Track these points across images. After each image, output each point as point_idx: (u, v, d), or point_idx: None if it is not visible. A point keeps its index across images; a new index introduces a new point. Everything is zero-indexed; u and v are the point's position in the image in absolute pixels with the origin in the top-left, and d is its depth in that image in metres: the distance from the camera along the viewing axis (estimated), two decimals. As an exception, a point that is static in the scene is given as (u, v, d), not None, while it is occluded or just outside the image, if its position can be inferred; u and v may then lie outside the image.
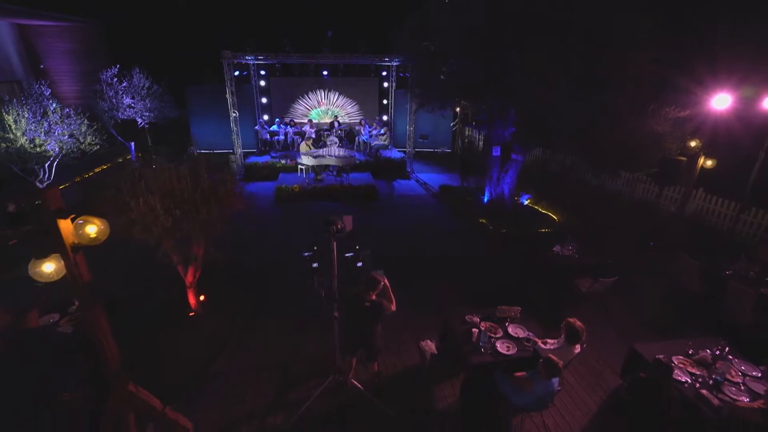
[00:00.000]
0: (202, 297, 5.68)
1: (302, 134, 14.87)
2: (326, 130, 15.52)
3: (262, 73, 15.49)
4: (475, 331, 4.26)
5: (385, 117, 16.45)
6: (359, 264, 4.26)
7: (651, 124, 6.82)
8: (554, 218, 9.53)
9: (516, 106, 8.17)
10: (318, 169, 11.91)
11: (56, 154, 8.27)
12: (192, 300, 5.50)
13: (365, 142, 14.73)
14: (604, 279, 5.53)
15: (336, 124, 15.75)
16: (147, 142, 12.85)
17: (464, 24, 7.23)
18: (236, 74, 12.91)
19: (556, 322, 4.13)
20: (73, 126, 8.48)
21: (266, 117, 15.86)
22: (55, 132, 8.12)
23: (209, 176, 4.33)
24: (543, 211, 10.00)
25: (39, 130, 7.78)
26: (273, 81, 15.66)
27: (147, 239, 4.11)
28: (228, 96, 11.88)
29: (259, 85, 15.44)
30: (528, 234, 8.50)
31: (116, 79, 11.85)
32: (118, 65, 11.91)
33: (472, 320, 4.47)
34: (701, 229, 8.58)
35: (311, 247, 4.26)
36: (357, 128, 15.57)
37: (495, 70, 7.21)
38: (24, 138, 7.46)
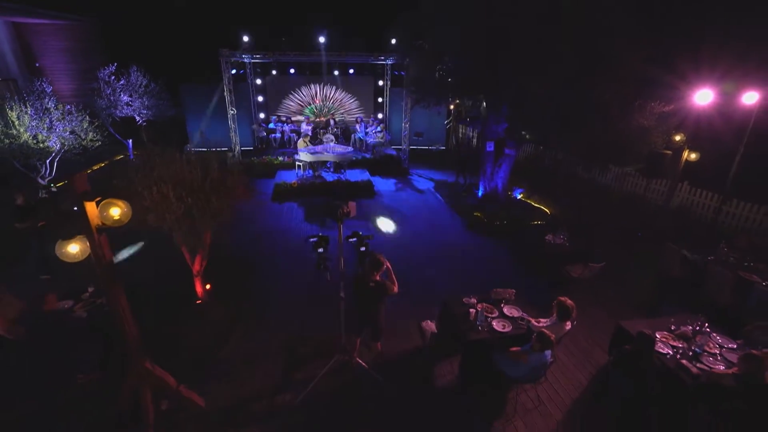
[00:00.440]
0: (208, 286, 5.87)
1: (299, 132, 15.05)
2: (322, 128, 15.72)
3: (258, 72, 15.63)
4: (473, 312, 4.52)
5: (381, 115, 16.69)
6: (362, 249, 4.49)
7: (637, 119, 7.14)
8: (546, 211, 9.84)
9: (508, 102, 8.44)
10: (316, 166, 12.10)
11: (58, 151, 8.37)
12: (199, 288, 5.68)
13: (361, 140, 14.94)
14: (594, 264, 5.83)
15: (332, 122, 15.96)
16: (144, 140, 12.90)
17: (458, 23, 7.49)
18: (233, 72, 13.05)
19: (549, 305, 4.40)
20: (74, 123, 8.58)
21: (262, 115, 16.01)
22: (57, 128, 8.23)
23: (219, 167, 4.52)
24: (535, 205, 10.31)
25: (41, 126, 7.88)
26: (269, 79, 15.81)
27: (160, 226, 4.29)
28: (226, 94, 12.04)
29: (255, 84, 15.58)
30: (521, 226, 8.79)
31: (114, 77, 11.94)
32: (116, 63, 11.99)
33: (470, 302, 4.72)
34: (687, 221, 8.94)
35: (316, 234, 4.48)
36: (353, 126, 15.78)
37: (488, 68, 7.48)
38: (27, 134, 7.56)
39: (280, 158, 13.05)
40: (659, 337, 4.19)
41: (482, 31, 7.01)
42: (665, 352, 4.02)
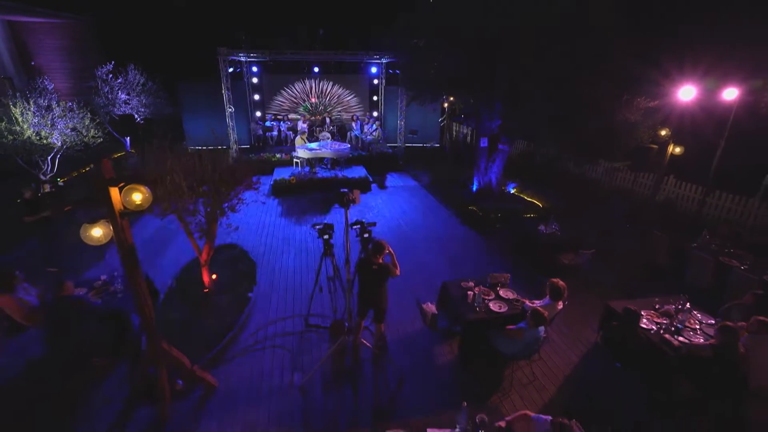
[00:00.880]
0: (214, 276, 6.07)
1: (295, 130, 15.23)
2: (318, 126, 15.92)
3: (254, 70, 15.76)
4: (471, 294, 4.78)
5: (375, 113, 16.92)
6: (366, 235, 4.72)
7: (625, 114, 7.47)
8: (539, 205, 10.16)
9: (502, 99, 8.73)
10: (313, 162, 12.29)
11: (59, 147, 8.47)
12: (206, 278, 5.87)
13: (357, 137, 15.16)
14: (584, 251, 6.13)
15: (328, 120, 16.16)
16: (142, 138, 12.99)
17: (454, 23, 7.76)
18: (230, 71, 13.19)
19: (541, 290, 4.67)
20: (76, 119, 8.69)
21: (259, 113, 16.14)
22: (59, 125, 8.34)
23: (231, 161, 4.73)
24: (528, 199, 10.62)
25: (44, 123, 7.99)
26: (265, 78, 15.95)
27: (173, 214, 4.49)
28: (224, 92, 12.17)
29: (252, 82, 15.71)
30: (514, 218, 9.09)
31: (111, 76, 12.02)
32: (113, 62, 12.07)
33: (468, 285, 4.99)
34: (672, 212, 9.31)
35: (321, 222, 4.70)
36: (349, 124, 16.00)
37: (482, 66, 7.76)
38: (30, 130, 7.66)
39: (278, 155, 13.22)
40: (644, 315, 4.49)
41: (477, 31, 7.28)
42: (649, 328, 4.32)
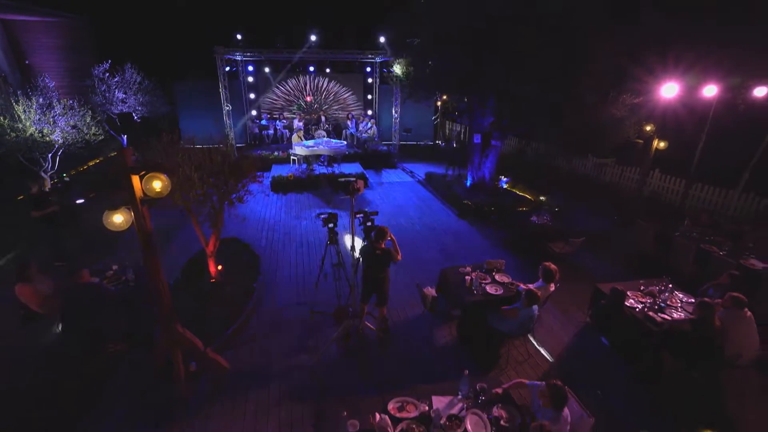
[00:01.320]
0: (220, 267, 6.26)
1: (291, 128, 15.41)
2: (314, 125, 16.12)
3: (250, 69, 15.89)
4: (468, 279, 5.06)
5: (370, 111, 17.17)
6: (368, 224, 4.97)
7: (611, 110, 7.82)
8: (531, 199, 10.49)
9: (495, 96, 9.04)
10: (310, 160, 12.50)
11: (60, 145, 8.57)
12: (212, 268, 6.07)
13: (353, 135, 15.39)
14: (574, 239, 6.45)
15: (323, 119, 16.37)
16: (140, 136, 13.06)
17: (447, 23, 8.04)
18: (227, 70, 13.32)
19: (534, 275, 4.95)
20: (76, 117, 8.79)
21: (254, 112, 16.28)
22: (60, 123, 8.44)
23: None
24: (520, 194, 10.95)
25: (45, 120, 8.09)
26: (260, 77, 16.09)
27: (185, 204, 4.69)
28: (221, 90, 12.32)
29: (247, 81, 15.85)
30: (507, 211, 9.41)
31: (108, 74, 12.08)
32: (110, 60, 12.13)
33: (465, 270, 5.26)
34: (657, 204, 9.71)
35: (325, 211, 4.94)
36: (344, 122, 16.22)
37: (475, 64, 8.05)
38: (33, 128, 7.76)
39: (275, 153, 13.40)
40: (630, 295, 4.81)
41: (470, 30, 7.57)
42: (635, 306, 4.64)
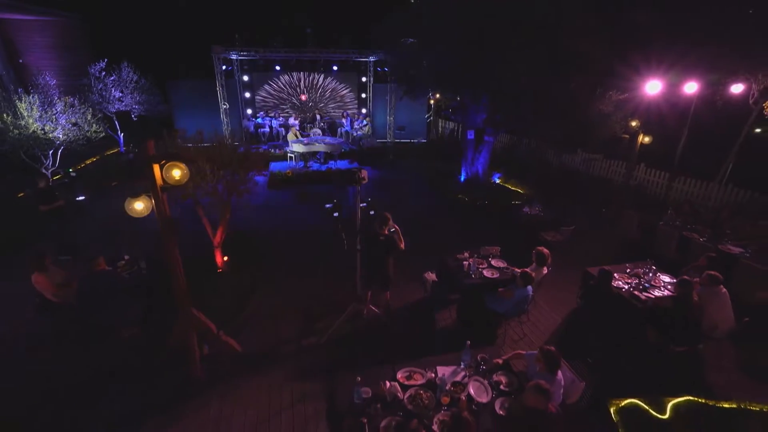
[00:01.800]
0: (226, 258, 6.46)
1: (287, 126, 15.58)
2: (309, 123, 16.32)
3: (245, 68, 16.03)
4: (466, 264, 5.36)
5: (364, 110, 17.42)
6: (371, 213, 5.23)
7: (599, 106, 8.20)
8: (523, 193, 10.85)
9: (488, 93, 9.37)
10: (307, 157, 12.72)
11: (61, 142, 8.67)
12: (219, 259, 6.28)
13: (348, 133, 15.63)
14: (565, 228, 6.79)
15: (318, 117, 16.57)
16: (138, 134, 13.14)
17: (440, 24, 8.35)
18: (223, 68, 13.47)
19: (527, 263, 5.25)
20: (77, 115, 8.90)
21: (249, 111, 16.42)
22: (61, 120, 8.54)
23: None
24: (513, 188, 11.32)
25: (47, 117, 8.19)
26: (256, 76, 16.23)
27: (196, 195, 4.90)
28: (218, 89, 12.47)
29: (243, 80, 15.98)
30: (500, 205, 9.75)
31: (104, 73, 12.14)
32: (106, 59, 12.19)
33: (463, 257, 5.56)
34: (644, 196, 10.15)
35: (332, 201, 5.18)
36: (339, 120, 16.45)
37: (470, 62, 8.37)
38: (36, 125, 7.87)
39: (272, 150, 13.58)
40: (617, 276, 5.15)
41: (465, 30, 7.88)
42: (621, 286, 4.98)
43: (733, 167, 9.47)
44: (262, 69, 16.15)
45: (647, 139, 9.59)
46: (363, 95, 17.38)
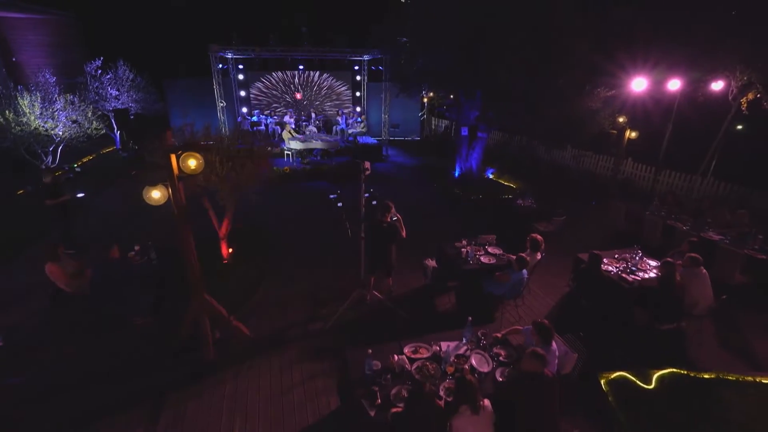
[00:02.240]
0: (231, 249, 6.65)
1: (282, 124, 15.73)
2: (304, 121, 16.49)
3: (240, 67, 16.15)
4: (464, 251, 5.63)
5: (359, 108, 17.65)
6: (374, 202, 5.47)
7: (587, 102, 8.55)
8: (515, 188, 11.19)
9: (482, 90, 9.67)
10: (304, 154, 12.91)
11: (61, 139, 8.75)
12: (224, 251, 6.46)
13: (343, 131, 15.84)
14: (557, 218, 7.11)
15: (313, 115, 16.75)
16: (135, 132, 13.20)
17: (434, 24, 8.62)
18: (219, 67, 13.57)
19: (522, 250, 5.53)
20: (77, 112, 8.98)
21: (245, 109, 16.54)
22: (61, 117, 8.62)
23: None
24: (506, 183, 11.66)
25: (47, 114, 8.28)
26: (251, 75, 16.35)
27: (207, 185, 5.10)
28: (215, 87, 12.57)
29: (238, 79, 16.09)
30: (494, 199, 10.07)
31: (100, 71, 12.18)
32: (102, 57, 12.23)
33: (461, 244, 5.84)
34: (631, 189, 10.55)
35: (336, 191, 5.42)
36: (334, 118, 16.66)
37: (465, 60, 8.66)
38: (37, 122, 7.95)
39: (269, 148, 13.68)
40: (606, 261, 5.47)
41: (460, 29, 8.17)
42: (610, 269, 5.30)
43: (717, 162, 9.92)
44: (258, 68, 16.29)
45: (634, 135, 9.98)
46: (357, 94, 17.61)
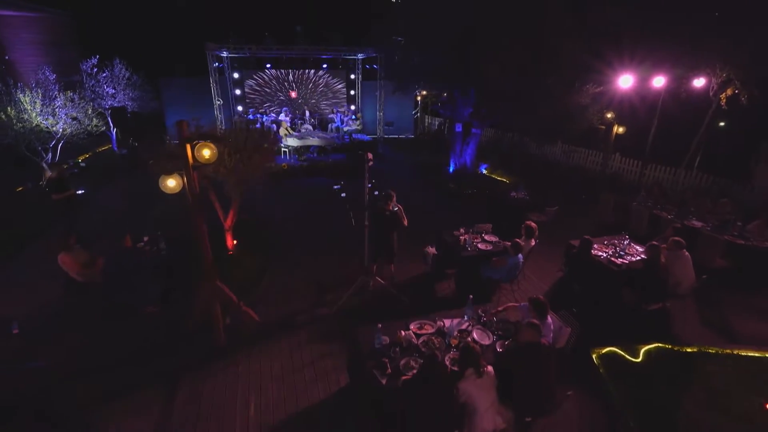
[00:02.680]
0: (235, 241, 6.83)
1: (278, 123, 15.86)
2: (300, 119, 16.64)
3: (235, 66, 16.23)
4: (462, 238, 5.90)
5: (353, 106, 17.85)
6: (376, 192, 5.72)
7: (576, 98, 8.89)
8: (508, 183, 11.52)
9: (475, 88, 9.97)
10: (300, 151, 13.09)
11: (60, 135, 8.82)
12: (230, 242, 6.64)
13: (339, 128, 16.04)
14: (549, 209, 7.43)
15: (308, 114, 16.92)
16: (133, 130, 13.25)
17: (429, 25, 8.90)
18: (215, 66, 13.69)
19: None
20: (76, 109, 9.06)
21: (240, 108, 16.63)
22: (61, 114, 8.70)
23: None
24: (499, 178, 11.98)
25: (48, 111, 8.35)
26: (246, 73, 16.45)
27: (216, 177, 5.28)
28: (212, 85, 12.69)
29: (233, 77, 16.18)
30: (488, 193, 10.38)
31: (96, 69, 12.21)
32: (98, 56, 12.26)
33: (459, 233, 6.11)
34: (619, 182, 10.94)
35: (339, 182, 5.65)
36: (330, 116, 16.85)
37: (458, 58, 8.95)
38: (38, 119, 8.02)
39: (265, 145, 13.84)
40: (596, 247, 5.78)
41: (451, 30, 8.46)
42: (600, 254, 5.61)
43: (702, 157, 10.37)
44: (253, 66, 16.41)
45: (621, 130, 10.37)
46: (352, 92, 17.82)
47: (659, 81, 8.92)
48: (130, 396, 4.04)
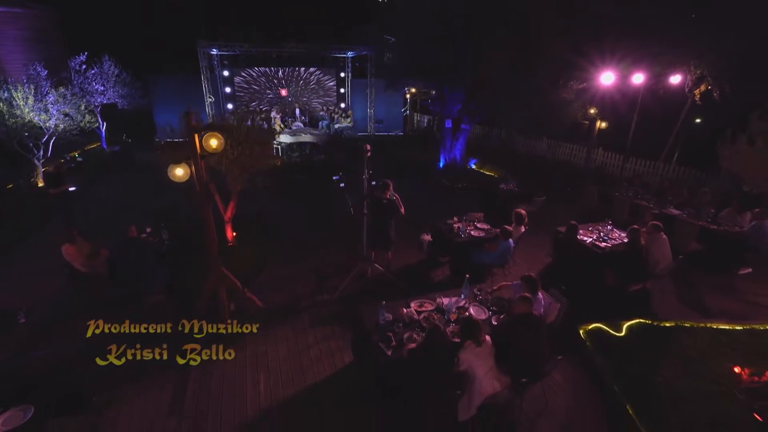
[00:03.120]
0: (235, 233, 6.97)
1: (269, 120, 15.93)
2: (290, 117, 16.73)
3: (226, 63, 16.22)
4: (456, 226, 6.19)
5: (343, 104, 18.02)
6: (373, 183, 5.94)
7: (561, 94, 9.28)
8: (497, 177, 11.88)
9: (465, 84, 10.28)
10: (293, 147, 13.21)
11: (53, 131, 8.79)
12: (229, 234, 6.78)
13: (329, 126, 16.19)
14: (537, 199, 7.78)
15: (298, 111, 17.02)
16: (122, 128, 13.16)
17: (424, 20, 9.16)
18: (206, 64, 13.70)
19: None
20: (68, 105, 9.03)
21: (230, 106, 16.62)
22: (53, 111, 8.67)
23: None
24: (488, 173, 12.34)
25: (41, 107, 8.33)
26: (236, 71, 16.45)
27: (219, 168, 5.44)
28: (203, 82, 12.72)
29: (223, 75, 16.17)
30: (477, 187, 10.71)
31: (85, 66, 12.10)
32: (86, 53, 12.15)
33: (453, 221, 6.39)
34: (603, 175, 11.41)
35: (339, 173, 5.86)
36: (320, 114, 16.99)
37: (449, 55, 9.23)
38: (31, 114, 8.00)
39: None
40: (581, 232, 6.13)
41: (444, 27, 8.74)
42: (585, 239, 5.97)
43: (681, 150, 10.89)
44: (243, 64, 16.42)
45: (604, 125, 10.82)
46: (342, 90, 17.98)
47: (638, 78, 9.37)
48: (143, 376, 4.18)
